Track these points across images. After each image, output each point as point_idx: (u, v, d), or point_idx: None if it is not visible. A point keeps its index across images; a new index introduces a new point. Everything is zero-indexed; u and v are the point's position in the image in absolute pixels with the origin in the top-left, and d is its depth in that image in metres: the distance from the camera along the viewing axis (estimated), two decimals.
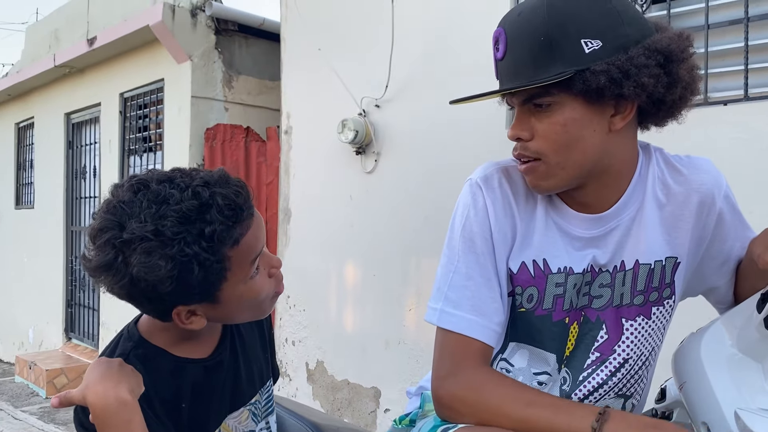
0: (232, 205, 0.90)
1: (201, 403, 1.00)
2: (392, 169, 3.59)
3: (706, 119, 2.51)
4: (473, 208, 1.06)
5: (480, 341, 1.03)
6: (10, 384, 5.98)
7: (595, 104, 0.98)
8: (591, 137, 1.00)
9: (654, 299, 1.11)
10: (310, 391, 4.02)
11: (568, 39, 0.96)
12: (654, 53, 0.96)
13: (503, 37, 1.02)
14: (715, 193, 1.10)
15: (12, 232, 7.37)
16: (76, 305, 6.37)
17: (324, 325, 3.97)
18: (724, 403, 0.95)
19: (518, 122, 1.03)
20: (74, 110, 6.27)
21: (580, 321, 1.10)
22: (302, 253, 4.10)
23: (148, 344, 0.99)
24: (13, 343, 7.18)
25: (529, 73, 0.98)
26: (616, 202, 1.07)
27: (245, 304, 0.98)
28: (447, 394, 1.02)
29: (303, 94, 4.14)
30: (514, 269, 1.07)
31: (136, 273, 0.86)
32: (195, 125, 4.70)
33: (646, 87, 0.96)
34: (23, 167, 7.42)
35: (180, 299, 0.91)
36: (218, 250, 0.89)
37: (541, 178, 1.03)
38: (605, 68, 0.94)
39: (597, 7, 0.97)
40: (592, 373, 1.11)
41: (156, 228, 0.86)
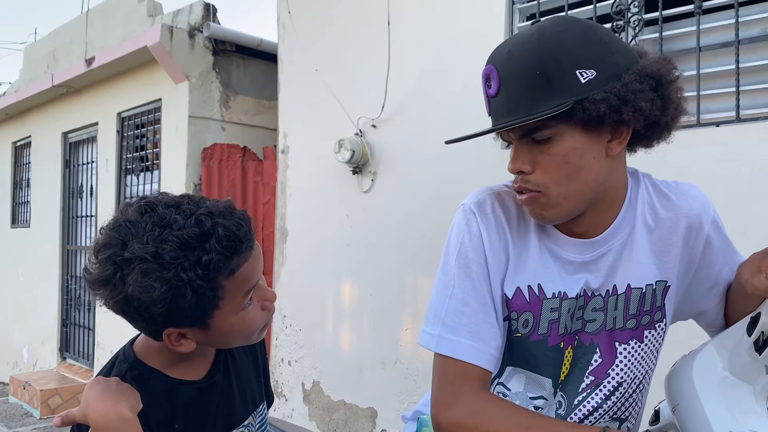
0: (231, 237, 0.92)
1: (194, 425, 1.01)
2: (389, 188, 3.61)
3: (698, 140, 2.54)
4: (467, 234, 1.07)
5: (478, 366, 1.03)
6: (4, 404, 5.93)
7: (593, 132, 1.00)
8: (592, 165, 1.01)
9: (646, 323, 1.12)
10: (306, 411, 3.99)
11: (563, 71, 0.97)
12: (646, 78, 0.98)
13: (495, 74, 1.02)
14: (702, 218, 1.12)
15: (7, 250, 7.35)
16: (71, 325, 6.34)
17: (320, 344, 3.96)
18: (716, 426, 0.95)
19: (518, 156, 1.04)
20: (71, 129, 6.29)
21: (574, 345, 1.11)
22: (298, 273, 4.10)
23: (143, 365, 1.00)
24: (8, 363, 7.14)
25: (526, 107, 0.99)
26: (607, 227, 1.09)
27: (236, 333, 0.99)
28: (447, 420, 1.02)
29: (300, 113, 4.17)
30: (510, 294, 1.08)
31: (131, 291, 0.88)
32: (192, 145, 4.72)
33: (644, 111, 0.98)
34: (20, 186, 7.42)
35: (171, 322, 0.93)
36: (213, 278, 0.91)
37: (543, 209, 1.04)
38: (604, 96, 0.96)
39: (586, 38, 0.99)
40: (587, 396, 1.12)
41: (156, 251, 0.88)
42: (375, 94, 3.62)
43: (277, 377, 4.21)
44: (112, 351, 4.96)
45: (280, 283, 4.21)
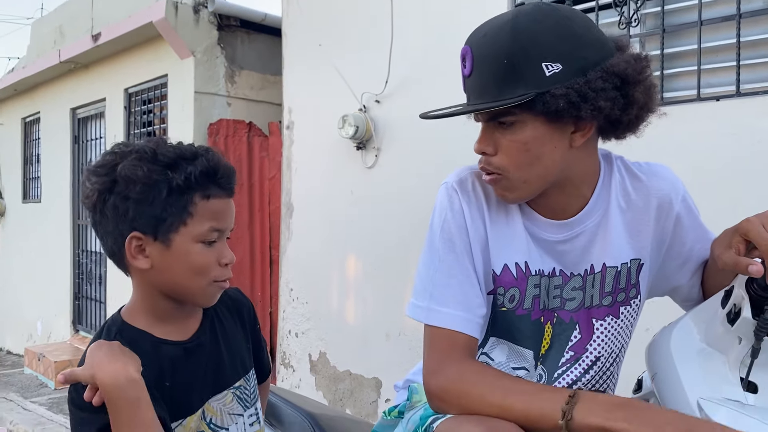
0: (216, 166, 1.06)
1: (182, 383, 1.08)
2: (392, 164, 3.64)
3: (698, 115, 2.55)
4: (450, 211, 1.12)
5: (465, 334, 1.09)
6: (20, 375, 6.08)
7: (555, 123, 1.03)
8: (552, 153, 1.05)
9: (621, 299, 1.17)
10: (313, 381, 4.09)
11: (529, 62, 1.00)
12: (611, 76, 1.00)
13: (470, 56, 1.06)
14: (672, 197, 1.16)
15: (20, 225, 7.46)
16: (83, 298, 6.46)
17: (326, 317, 4.03)
18: (691, 394, 1.00)
19: (483, 137, 1.09)
20: (79, 105, 6.34)
21: (554, 321, 1.15)
22: (304, 247, 4.16)
23: (130, 327, 1.08)
24: (22, 335, 7.29)
25: (494, 92, 1.03)
26: (582, 209, 1.13)
27: (188, 266, 1.05)
28: (436, 387, 1.07)
29: (304, 89, 4.19)
30: (498, 271, 1.13)
31: (119, 170, 1.02)
32: (198, 120, 4.76)
33: (603, 110, 1.00)
34: (30, 162, 7.50)
35: (139, 220, 1.02)
36: (190, 190, 1.03)
37: (505, 190, 1.10)
38: (564, 92, 0.98)
39: (558, 30, 1.01)
40: (567, 370, 1.17)
41: (155, 150, 1.04)
42: (378, 69, 3.63)
43: (284, 348, 4.30)
44: None
45: (286, 257, 4.27)
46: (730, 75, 2.49)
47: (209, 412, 1.11)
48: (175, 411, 1.06)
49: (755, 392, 0.99)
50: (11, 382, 5.87)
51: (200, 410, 1.10)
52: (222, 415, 1.12)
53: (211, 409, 1.11)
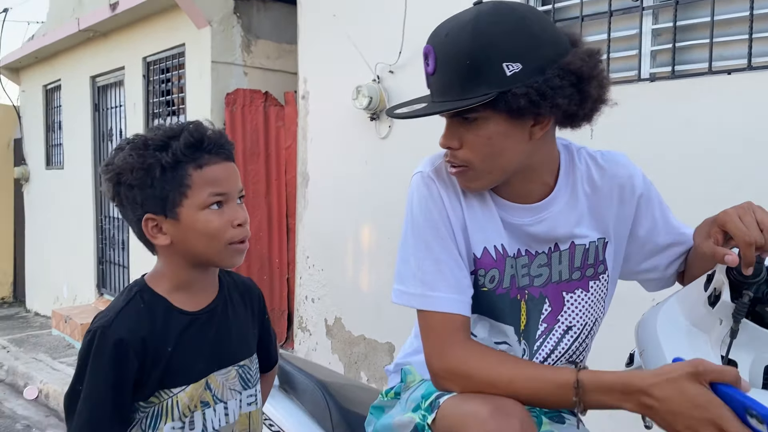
0: (200, 136, 1.14)
1: (184, 351, 1.16)
2: (405, 134, 3.69)
3: (709, 88, 2.56)
4: (430, 198, 1.17)
5: (461, 315, 1.16)
6: (48, 336, 6.31)
7: (516, 119, 1.09)
8: (513, 146, 1.12)
9: (590, 274, 1.26)
10: (329, 345, 4.22)
11: (490, 62, 1.05)
12: (567, 74, 1.06)
13: (432, 55, 1.11)
14: (634, 183, 1.25)
15: (44, 191, 7.62)
16: (106, 263, 6.64)
17: (341, 283, 4.14)
18: None
19: (448, 132, 1.14)
20: (99, 73, 6.42)
21: (526, 298, 1.24)
22: (320, 216, 4.25)
23: (151, 290, 1.18)
24: (49, 298, 7.52)
25: (457, 91, 1.08)
26: (547, 195, 1.21)
27: (201, 233, 1.14)
28: (441, 369, 1.15)
29: (319, 59, 4.23)
30: (478, 254, 1.20)
31: (116, 162, 1.12)
32: (215, 90, 4.82)
33: (561, 106, 1.07)
34: (52, 128, 7.62)
35: (148, 203, 1.12)
36: (180, 162, 1.12)
37: (469, 181, 1.16)
38: (525, 91, 1.04)
39: (517, 30, 1.06)
40: (543, 341, 1.26)
41: (146, 138, 1.14)
42: (392, 40, 3.65)
43: (301, 313, 4.42)
44: None
45: (303, 225, 4.37)
46: (743, 48, 2.49)
47: (213, 384, 1.20)
48: (174, 376, 1.15)
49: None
50: (40, 342, 6.10)
51: (204, 380, 1.18)
52: (223, 389, 1.21)
53: (215, 382, 1.20)
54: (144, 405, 1.14)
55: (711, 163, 2.53)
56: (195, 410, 1.17)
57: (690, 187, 2.55)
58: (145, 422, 1.13)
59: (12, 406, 4.57)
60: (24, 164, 8.03)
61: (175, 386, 1.15)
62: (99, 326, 1.11)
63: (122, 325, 1.11)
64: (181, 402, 1.15)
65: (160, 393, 1.14)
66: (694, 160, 2.56)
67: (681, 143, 2.60)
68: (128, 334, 1.10)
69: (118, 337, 1.09)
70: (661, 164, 2.65)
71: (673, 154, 2.62)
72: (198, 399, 1.17)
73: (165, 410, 1.14)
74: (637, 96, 2.69)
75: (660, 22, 2.76)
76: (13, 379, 5.16)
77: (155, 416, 1.14)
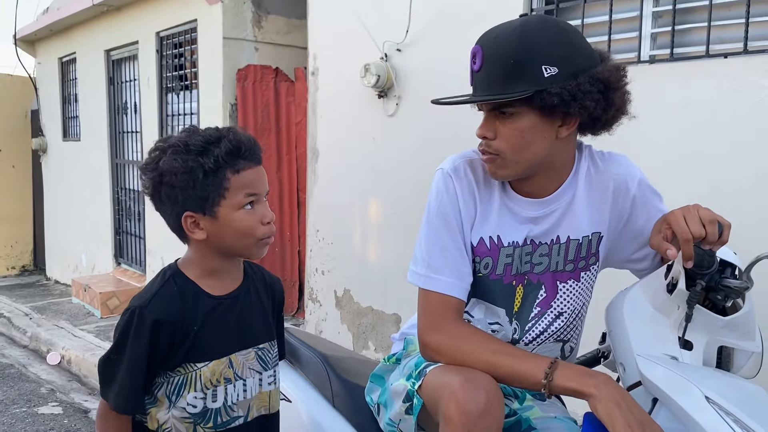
0: (239, 141, 1.26)
1: (209, 331, 1.31)
2: (412, 112, 3.77)
3: (705, 71, 2.62)
4: (446, 194, 1.34)
5: (456, 298, 1.33)
6: (68, 304, 6.53)
7: (546, 117, 1.24)
8: (541, 142, 1.27)
9: (582, 266, 1.40)
10: (338, 316, 4.37)
11: (532, 63, 1.21)
12: (597, 82, 1.22)
13: (480, 54, 1.27)
14: (628, 181, 1.37)
15: (61, 162, 7.78)
16: (123, 233, 6.82)
17: (350, 256, 4.27)
18: (635, 349, 1.19)
19: (485, 124, 1.30)
20: (113, 47, 6.50)
21: (524, 283, 1.38)
22: (330, 191, 4.36)
23: (182, 274, 1.32)
24: (68, 266, 7.74)
25: (499, 86, 1.24)
26: (555, 191, 1.34)
27: (237, 230, 1.27)
28: (431, 342, 1.31)
29: (328, 36, 4.29)
30: (475, 243, 1.36)
31: (162, 165, 1.24)
32: (227, 65, 4.91)
33: (588, 108, 1.22)
34: (68, 101, 7.74)
35: (188, 202, 1.24)
36: (221, 168, 1.24)
37: (498, 168, 1.31)
38: (558, 91, 1.19)
39: (558, 39, 1.23)
40: (536, 323, 1.39)
41: (187, 142, 1.25)
42: (400, 17, 3.71)
43: (311, 285, 4.57)
44: (162, 257, 5.39)
45: (312, 199, 4.49)
46: (740, 31, 2.54)
47: (235, 363, 1.34)
48: (200, 352, 1.30)
49: (691, 349, 1.18)
50: (61, 310, 6.32)
51: (227, 359, 1.32)
52: (243, 368, 1.35)
53: (236, 361, 1.34)
54: (170, 374, 1.29)
55: (707, 146, 2.60)
56: (218, 384, 1.31)
57: (686, 169, 2.63)
58: (169, 388, 1.29)
59: (36, 371, 4.79)
60: (41, 135, 8.18)
61: (198, 361, 1.29)
62: (138, 306, 1.25)
63: (158, 307, 1.25)
64: (204, 376, 1.29)
65: (185, 365, 1.29)
66: (691, 141, 2.63)
67: (678, 125, 2.67)
68: (163, 314, 1.25)
69: (154, 317, 1.24)
70: (658, 145, 2.73)
71: (670, 135, 2.69)
72: (221, 375, 1.31)
73: (189, 381, 1.29)
74: (636, 78, 2.74)
75: (660, 4, 2.80)
76: (36, 345, 5.38)
77: (179, 385, 1.29)
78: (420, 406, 1.28)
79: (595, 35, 2.97)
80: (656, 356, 1.15)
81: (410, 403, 1.32)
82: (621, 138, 2.37)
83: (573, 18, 3.07)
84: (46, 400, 4.14)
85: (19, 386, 4.39)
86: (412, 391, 1.31)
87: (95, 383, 4.37)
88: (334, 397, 1.56)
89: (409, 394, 1.32)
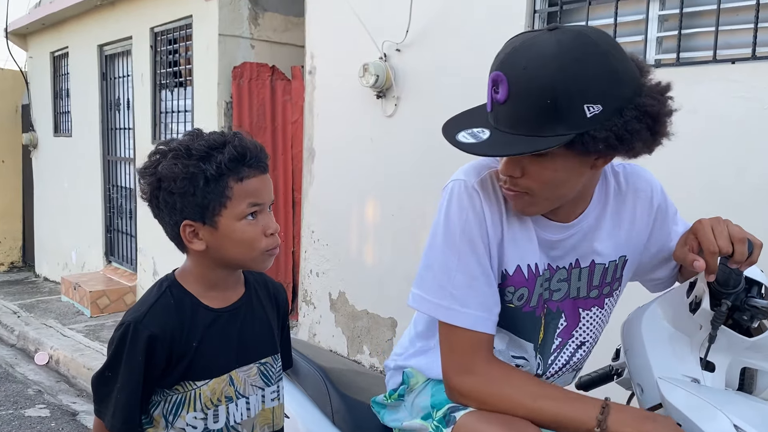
0: (244, 148, 1.17)
1: (210, 346, 1.22)
2: (411, 113, 3.71)
3: (712, 77, 2.57)
4: (472, 212, 1.15)
5: (487, 333, 1.16)
6: (57, 303, 6.44)
7: (584, 156, 1.07)
8: (576, 179, 1.11)
9: (606, 292, 1.28)
10: (333, 319, 4.31)
11: (572, 103, 1.00)
12: (645, 116, 1.03)
13: (505, 84, 1.04)
14: (652, 196, 1.28)
15: (52, 158, 7.68)
16: (114, 231, 6.72)
17: (345, 258, 4.21)
18: (655, 369, 1.14)
19: (510, 162, 1.11)
20: (107, 42, 6.41)
21: (545, 312, 1.25)
22: (326, 191, 4.30)
23: (180, 286, 1.24)
24: (58, 264, 7.64)
25: (531, 127, 1.03)
26: (581, 214, 1.22)
27: (237, 242, 1.19)
28: (467, 387, 1.15)
29: (327, 34, 4.23)
30: (510, 271, 1.19)
31: (161, 169, 1.15)
32: (223, 62, 4.83)
33: (636, 149, 1.07)
34: (60, 96, 7.64)
35: (187, 211, 1.16)
36: (224, 176, 1.15)
37: (526, 206, 1.15)
38: (604, 135, 1.01)
39: (600, 69, 1.01)
40: (558, 356, 1.29)
41: (188, 146, 1.16)
42: (399, 17, 3.65)
43: (306, 287, 4.50)
44: (153, 257, 5.30)
45: (308, 200, 4.42)
46: (748, 37, 2.49)
47: (236, 380, 1.26)
48: (199, 370, 1.21)
49: (713, 371, 1.12)
50: (50, 308, 6.22)
51: (227, 376, 1.24)
52: (245, 385, 1.27)
53: (237, 378, 1.26)
54: (168, 391, 1.20)
55: (713, 152, 2.55)
56: (219, 404, 1.23)
57: (689, 176, 2.59)
58: (166, 407, 1.20)
59: (23, 371, 4.70)
60: (32, 131, 8.07)
61: (198, 379, 1.21)
62: (132, 320, 1.16)
63: (154, 321, 1.17)
64: (204, 395, 1.21)
65: (183, 384, 1.21)
66: (696, 147, 2.58)
67: (683, 130, 2.61)
68: (159, 329, 1.16)
69: (150, 332, 1.15)
70: (661, 151, 2.67)
71: (674, 141, 2.63)
72: (222, 393, 1.23)
73: (188, 400, 1.21)
74: None
75: (667, 8, 2.76)
76: (24, 344, 5.29)
77: (178, 404, 1.20)
78: None
79: None
80: (677, 378, 1.09)
81: None
82: None
83: (577, 20, 3.02)
84: (34, 402, 4.05)
85: (6, 387, 4.30)
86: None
87: (84, 384, 4.28)
88: (333, 414, 1.49)
89: None
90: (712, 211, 1.34)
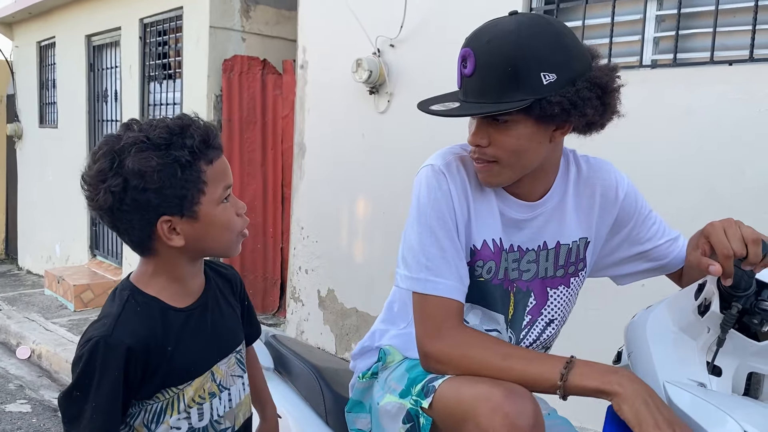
0: (206, 131, 1.11)
1: (185, 348, 1.16)
2: (404, 109, 3.67)
3: (709, 78, 2.56)
4: (439, 191, 1.25)
5: (458, 301, 1.24)
6: (41, 296, 6.34)
7: (542, 124, 1.18)
8: (536, 148, 1.21)
9: (572, 272, 1.36)
10: (321, 316, 4.26)
11: (530, 71, 1.14)
12: (594, 87, 1.16)
13: (472, 59, 1.18)
14: (616, 188, 1.35)
15: (37, 150, 7.57)
16: (100, 224, 6.63)
17: (335, 256, 4.16)
18: (660, 374, 1.11)
19: (478, 132, 1.22)
20: (95, 33, 6.32)
21: (514, 290, 1.32)
22: (316, 187, 4.25)
23: (141, 292, 1.14)
24: (41, 257, 7.53)
25: (495, 95, 1.16)
26: (545, 194, 1.31)
27: (218, 228, 1.14)
28: (435, 351, 1.21)
29: (319, 28, 4.18)
30: (478, 245, 1.28)
31: (131, 166, 1.04)
32: (213, 55, 4.77)
33: (588, 115, 1.17)
34: (46, 86, 7.53)
35: (165, 205, 1.07)
36: (197, 161, 1.09)
37: (493, 176, 1.24)
38: (559, 100, 1.13)
39: (555, 44, 1.16)
40: (528, 332, 1.36)
41: (147, 135, 1.07)
42: (394, 13, 3.61)
43: (294, 284, 4.46)
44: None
45: (298, 196, 4.37)
46: (745, 38, 2.48)
47: (218, 374, 1.21)
48: (180, 374, 1.15)
49: (719, 375, 1.10)
50: (32, 302, 6.13)
51: (208, 372, 1.19)
52: (226, 376, 1.22)
53: (220, 372, 1.21)
54: (149, 401, 1.13)
55: (708, 155, 2.54)
56: (203, 401, 1.18)
57: (684, 178, 2.57)
58: (147, 416, 1.14)
59: (5, 365, 4.62)
60: (17, 121, 7.95)
61: (180, 383, 1.15)
62: (100, 335, 1.06)
63: (125, 332, 1.07)
64: (186, 395, 1.16)
65: (164, 391, 1.14)
66: (692, 150, 2.57)
67: (680, 132, 2.61)
68: (132, 340, 1.07)
69: (124, 345, 1.06)
70: (657, 152, 2.66)
71: (671, 143, 2.62)
72: (205, 391, 1.18)
73: (170, 405, 1.15)
74: (637, 82, 2.69)
75: (664, 8, 2.74)
76: (5, 338, 5.20)
77: (159, 412, 1.14)
78: (429, 426, 1.17)
79: (596, 37, 2.91)
80: (683, 382, 1.07)
81: (412, 423, 1.21)
82: (619, 143, 2.30)
83: (573, 19, 3.00)
84: (15, 397, 3.97)
85: None
86: (416, 410, 1.20)
87: (67, 380, 4.21)
88: (327, 414, 1.46)
89: (411, 414, 1.22)
90: (709, 213, 1.35)
